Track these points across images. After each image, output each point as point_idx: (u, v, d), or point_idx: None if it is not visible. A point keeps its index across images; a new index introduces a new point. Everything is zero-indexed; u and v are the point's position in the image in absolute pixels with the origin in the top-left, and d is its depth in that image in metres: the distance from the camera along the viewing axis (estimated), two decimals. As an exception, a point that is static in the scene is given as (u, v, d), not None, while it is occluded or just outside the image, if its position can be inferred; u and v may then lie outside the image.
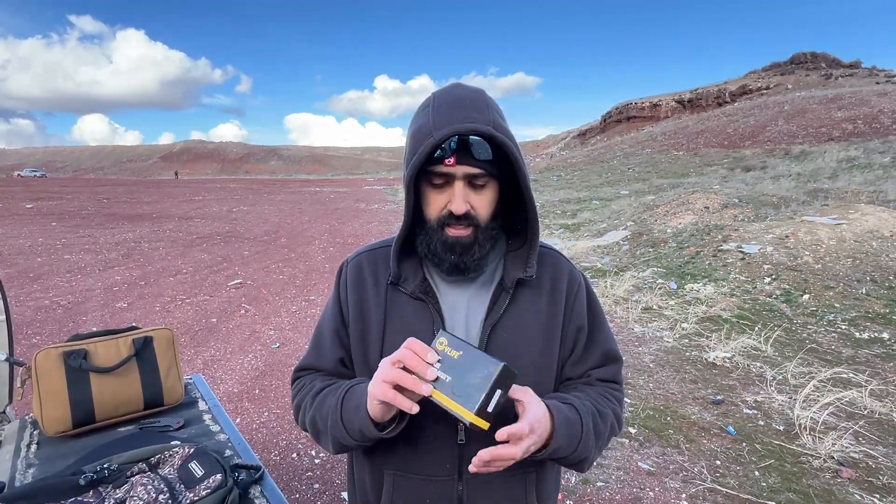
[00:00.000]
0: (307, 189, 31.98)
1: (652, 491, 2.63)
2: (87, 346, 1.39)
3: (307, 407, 0.94)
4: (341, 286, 0.98)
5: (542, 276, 0.94)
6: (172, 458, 1.12)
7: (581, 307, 0.97)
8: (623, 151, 35.72)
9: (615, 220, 12.13)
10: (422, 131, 0.82)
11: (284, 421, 3.36)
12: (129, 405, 1.41)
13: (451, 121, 0.79)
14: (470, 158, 0.81)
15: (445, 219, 0.85)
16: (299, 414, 0.96)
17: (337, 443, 0.87)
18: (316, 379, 0.97)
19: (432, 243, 0.87)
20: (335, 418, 0.85)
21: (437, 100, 0.84)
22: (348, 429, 0.83)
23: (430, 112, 0.83)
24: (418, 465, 0.90)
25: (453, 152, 0.81)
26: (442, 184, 0.84)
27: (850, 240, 6.97)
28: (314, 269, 8.06)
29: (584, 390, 0.95)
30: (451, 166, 0.81)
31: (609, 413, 0.91)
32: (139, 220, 13.82)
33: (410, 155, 0.83)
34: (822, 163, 19.18)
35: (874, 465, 2.83)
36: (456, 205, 0.83)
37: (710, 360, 4.36)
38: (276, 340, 4.84)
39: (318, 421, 0.90)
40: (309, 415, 0.92)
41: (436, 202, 0.86)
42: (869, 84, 41.99)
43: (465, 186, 0.83)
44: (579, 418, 0.84)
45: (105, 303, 5.91)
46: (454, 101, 0.83)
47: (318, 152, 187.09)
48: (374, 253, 0.99)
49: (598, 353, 0.97)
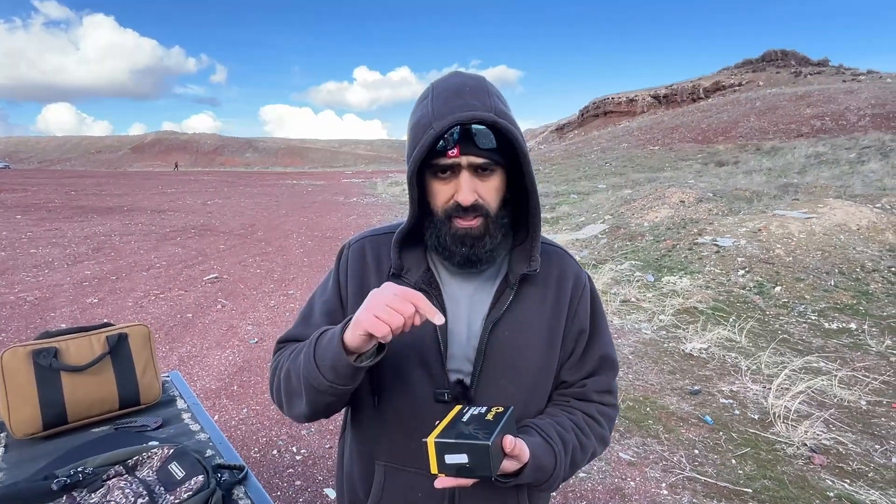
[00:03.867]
0: (284, 182, 31.51)
1: (633, 481, 2.67)
2: (58, 344, 1.32)
3: (282, 365, 0.88)
4: (341, 269, 0.95)
5: (548, 275, 0.92)
6: (151, 460, 1.08)
7: (584, 310, 0.95)
8: (600, 146, 36.08)
9: (593, 213, 12.25)
10: (421, 123, 0.79)
11: (264, 417, 3.30)
12: (103, 405, 1.36)
13: (452, 110, 0.76)
14: (473, 147, 0.79)
15: (452, 210, 0.83)
16: (274, 378, 0.90)
17: (310, 391, 0.79)
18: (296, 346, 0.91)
19: (441, 236, 0.84)
20: (308, 357, 0.79)
21: (435, 89, 0.82)
22: (321, 366, 0.76)
23: (429, 103, 0.80)
24: (412, 456, 0.88)
25: (456, 142, 0.78)
26: (447, 175, 0.82)
27: (819, 233, 7.18)
28: (292, 263, 7.94)
29: (573, 413, 0.92)
30: (454, 157, 0.79)
31: (591, 444, 0.91)
32: (109, 212, 13.41)
33: (411, 148, 0.80)
34: (791, 158, 19.69)
35: (844, 451, 2.93)
36: (463, 195, 0.80)
37: (687, 351, 4.45)
38: (254, 335, 4.75)
39: (292, 374, 0.84)
40: (283, 371, 0.87)
41: (442, 194, 0.83)
42: (836, 82, 43.21)
43: (472, 176, 0.81)
44: (553, 464, 0.83)
45: (74, 298, 5.72)
46: (453, 89, 0.80)
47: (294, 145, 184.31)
48: (377, 238, 0.95)
49: (595, 359, 0.95)
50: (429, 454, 0.69)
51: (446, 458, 0.68)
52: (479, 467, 0.67)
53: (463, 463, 0.68)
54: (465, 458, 0.67)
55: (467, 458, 0.67)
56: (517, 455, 0.74)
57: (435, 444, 0.69)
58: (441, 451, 0.68)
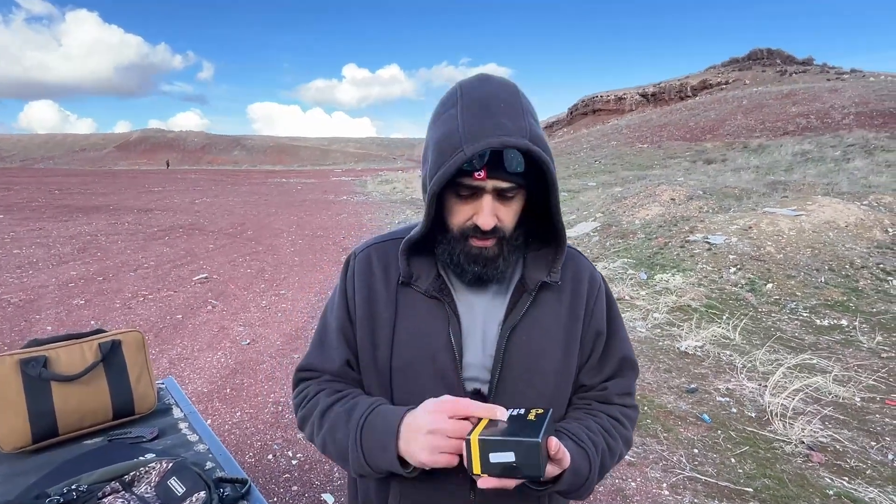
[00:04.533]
0: (273, 180, 31.24)
1: (634, 482, 2.65)
2: (48, 353, 1.26)
3: (315, 426, 0.89)
4: (348, 281, 0.91)
5: (563, 278, 0.89)
6: (149, 475, 1.03)
7: (601, 311, 0.92)
8: (590, 144, 36.23)
9: (584, 211, 12.28)
10: (450, 142, 0.73)
11: (258, 421, 3.24)
12: (96, 415, 1.30)
13: (484, 132, 0.71)
14: (501, 172, 0.74)
15: (470, 231, 0.79)
16: (306, 427, 0.92)
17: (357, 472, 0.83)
18: (322, 389, 0.91)
19: (455, 254, 0.81)
20: (357, 459, 0.80)
21: (464, 98, 0.76)
22: (371, 464, 0.79)
23: (458, 115, 0.74)
24: (429, 473, 0.84)
25: (484, 165, 0.73)
26: (468, 195, 0.78)
27: (808, 230, 7.24)
28: (283, 263, 7.85)
29: (598, 416, 0.90)
30: (481, 180, 0.75)
31: (619, 447, 0.89)
32: (95, 212, 13.18)
33: (436, 165, 0.75)
34: (778, 156, 19.89)
35: (841, 448, 2.93)
36: (483, 219, 0.77)
37: (682, 349, 4.45)
38: (246, 337, 4.68)
39: (328, 443, 0.86)
40: (318, 438, 0.88)
41: (461, 213, 0.79)
42: (821, 81, 43.76)
43: (494, 200, 0.77)
44: (588, 469, 0.80)
45: (60, 300, 5.59)
46: (484, 103, 0.74)
47: (283, 142, 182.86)
48: (384, 246, 0.92)
49: (615, 361, 0.93)
50: (471, 453, 0.66)
51: (491, 456, 0.65)
52: (527, 466, 0.64)
53: (509, 462, 0.64)
54: (511, 456, 0.64)
55: (514, 457, 0.64)
56: (560, 459, 0.71)
57: (479, 442, 0.65)
58: (485, 449, 0.65)
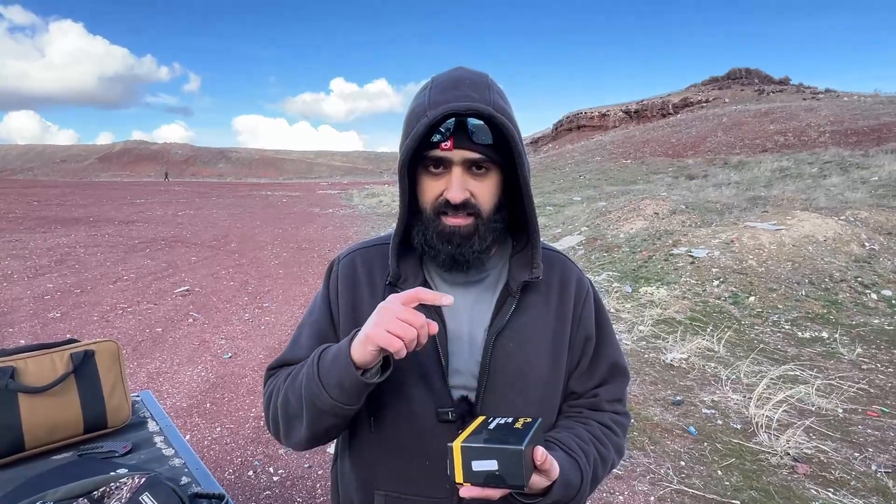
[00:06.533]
0: (258, 193, 31.01)
1: (622, 495, 2.62)
2: (15, 363, 1.21)
3: (279, 389, 0.83)
4: (331, 285, 0.89)
5: (550, 281, 0.88)
6: (120, 491, 0.98)
7: (589, 317, 0.90)
8: (574, 159, 36.67)
9: (569, 225, 12.38)
10: (416, 112, 0.74)
11: (239, 436, 3.15)
12: (66, 429, 1.24)
13: (447, 100, 0.72)
14: (468, 142, 0.74)
15: (441, 207, 0.77)
16: (270, 406, 0.85)
17: (313, 412, 0.74)
18: (288, 369, 0.87)
19: (428, 233, 0.79)
20: (310, 375, 0.74)
21: (434, 80, 0.78)
22: (325, 384, 0.71)
23: (426, 93, 0.76)
24: (414, 483, 0.81)
25: (450, 135, 0.73)
26: (439, 170, 0.77)
27: (789, 244, 7.37)
28: (267, 276, 7.75)
29: (589, 424, 0.88)
30: (447, 150, 0.74)
31: (611, 455, 0.87)
32: (74, 223, 12.93)
33: (404, 138, 0.75)
34: (758, 172, 20.31)
35: (826, 459, 2.95)
36: (453, 192, 0.75)
37: (667, 361, 4.46)
38: (227, 350, 4.58)
39: (291, 397, 0.79)
40: (281, 396, 0.81)
41: (431, 189, 0.78)
42: (797, 100, 44.99)
43: (464, 173, 0.76)
44: (579, 480, 0.77)
45: (35, 312, 5.44)
46: (453, 80, 0.76)
47: (268, 155, 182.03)
48: (368, 251, 0.90)
49: (605, 367, 0.91)
50: (454, 460, 0.64)
51: (473, 464, 0.63)
52: (510, 475, 0.62)
53: (492, 470, 0.63)
54: (494, 464, 0.63)
55: (497, 465, 0.62)
56: (547, 470, 0.68)
57: (461, 449, 0.63)
58: (468, 456, 0.63)
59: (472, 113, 0.72)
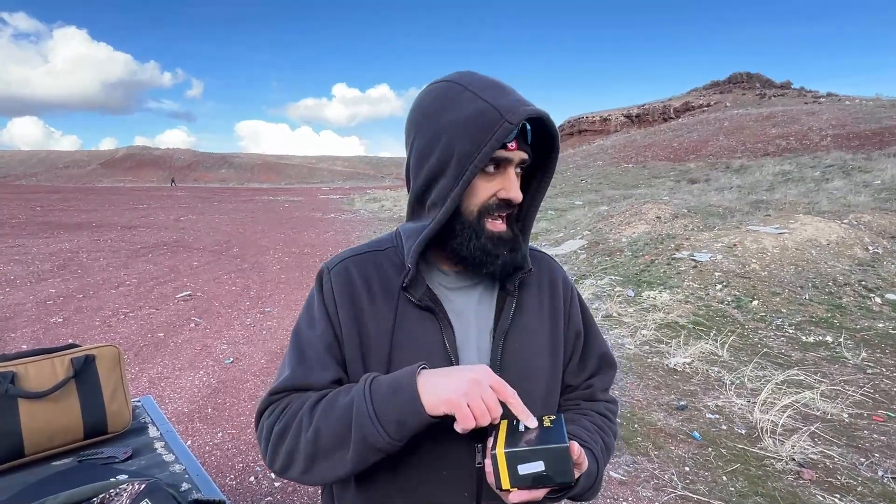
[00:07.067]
0: (260, 198, 31.08)
1: (626, 501, 2.60)
2: (16, 368, 1.20)
3: (303, 423, 0.73)
4: (326, 297, 0.83)
5: (540, 280, 0.90)
6: (120, 497, 0.97)
7: (577, 312, 0.94)
8: (576, 163, 36.71)
9: (571, 229, 12.36)
10: (486, 118, 0.71)
11: (240, 441, 3.14)
12: (66, 434, 1.24)
13: (514, 104, 0.72)
14: (525, 144, 0.77)
15: (493, 208, 0.77)
16: (284, 437, 0.74)
17: (362, 450, 0.68)
18: (306, 396, 0.77)
19: (479, 239, 0.77)
20: (362, 413, 0.68)
21: (473, 85, 0.75)
22: (384, 422, 0.66)
23: (478, 96, 0.73)
24: (431, 492, 0.79)
25: (515, 136, 0.75)
26: (493, 171, 0.77)
27: (792, 248, 7.34)
28: (269, 280, 7.75)
29: (589, 414, 0.91)
30: (512, 151, 0.75)
31: (612, 442, 0.90)
32: (77, 229, 12.96)
33: (475, 143, 0.71)
34: (759, 176, 20.29)
35: (832, 465, 2.92)
36: (514, 192, 0.76)
37: (670, 365, 4.44)
38: (229, 355, 4.57)
39: (324, 432, 0.71)
40: (310, 432, 0.72)
41: (485, 189, 0.77)
42: (798, 104, 45.03)
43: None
44: (596, 468, 0.80)
45: (37, 317, 5.44)
46: (495, 84, 0.76)
47: (270, 160, 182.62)
48: (362, 258, 0.86)
49: (595, 358, 0.96)
50: (499, 467, 0.64)
51: (520, 468, 0.64)
52: (559, 473, 0.63)
53: (539, 472, 0.63)
54: (541, 465, 0.63)
55: (544, 466, 0.63)
56: (580, 463, 0.71)
57: (506, 455, 0.64)
58: (514, 461, 0.64)
59: (540, 116, 0.74)
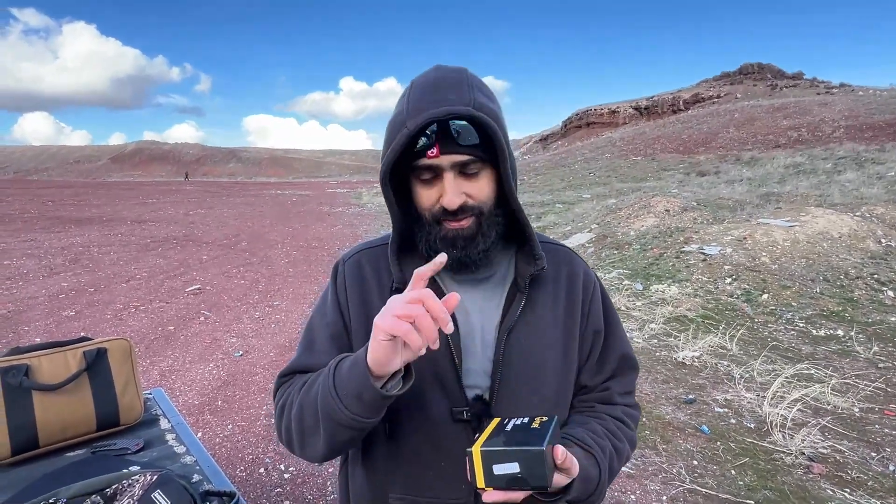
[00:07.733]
0: (267, 192, 31.22)
1: (633, 494, 2.60)
2: (30, 361, 1.22)
3: (293, 400, 0.79)
4: (339, 287, 0.87)
5: (557, 275, 0.87)
6: (132, 488, 0.98)
7: (597, 309, 0.90)
8: (584, 156, 36.45)
9: (579, 223, 12.30)
10: (395, 122, 0.73)
11: (250, 434, 3.17)
12: (79, 426, 1.25)
13: (426, 106, 0.70)
14: (455, 146, 0.72)
15: (440, 214, 0.76)
16: (283, 416, 0.80)
17: (330, 426, 0.71)
18: (306, 377, 0.83)
19: (432, 240, 0.78)
20: (326, 388, 0.71)
21: (413, 85, 0.75)
22: (342, 397, 0.68)
23: (405, 100, 0.74)
24: (430, 486, 0.80)
25: (435, 142, 0.71)
26: (430, 178, 0.75)
27: (803, 241, 7.26)
28: (277, 274, 7.80)
29: (602, 418, 0.87)
30: (434, 157, 0.72)
31: (625, 449, 0.86)
32: (88, 223, 13.09)
33: (385, 148, 0.73)
34: (770, 168, 20.07)
35: (842, 459, 2.90)
36: (448, 199, 0.74)
37: (679, 359, 4.42)
38: (238, 348, 4.61)
39: (306, 409, 0.75)
40: (295, 408, 0.77)
41: (427, 197, 0.77)
42: (810, 95, 44.38)
43: (457, 177, 0.74)
44: (598, 475, 0.77)
45: (50, 311, 5.51)
46: (430, 84, 0.74)
47: (278, 155, 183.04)
48: (374, 251, 0.89)
49: (614, 359, 0.91)
50: (474, 465, 0.63)
51: (495, 468, 0.62)
52: (533, 477, 0.62)
53: (514, 473, 0.62)
54: (516, 467, 0.62)
55: (519, 468, 0.62)
56: (567, 468, 0.68)
57: (481, 454, 0.63)
58: (488, 460, 0.63)
59: (454, 116, 0.70)
